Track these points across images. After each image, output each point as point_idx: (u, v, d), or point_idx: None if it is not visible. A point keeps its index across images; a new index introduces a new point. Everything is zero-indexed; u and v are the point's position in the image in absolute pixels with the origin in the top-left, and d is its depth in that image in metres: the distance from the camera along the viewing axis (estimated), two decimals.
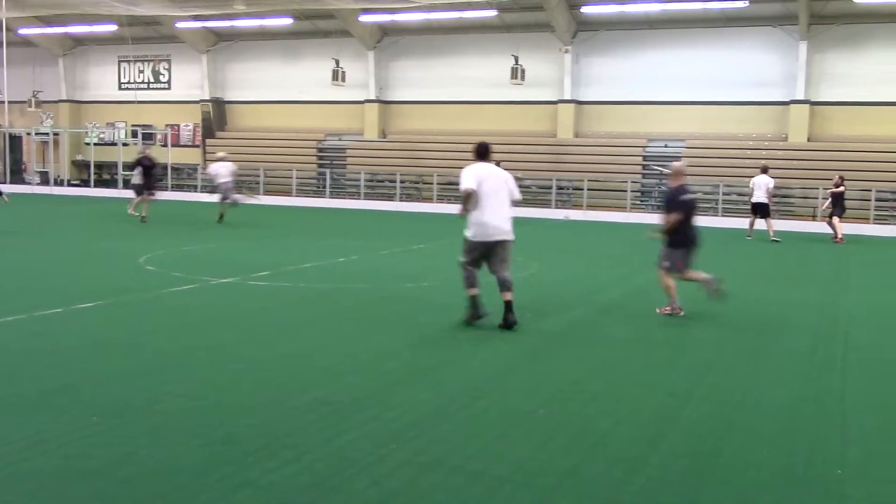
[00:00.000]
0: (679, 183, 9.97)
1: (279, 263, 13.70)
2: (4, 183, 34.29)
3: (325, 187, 32.44)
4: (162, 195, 32.67)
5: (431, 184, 30.77)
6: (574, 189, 29.65)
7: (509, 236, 8.81)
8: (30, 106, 38.76)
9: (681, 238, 9.83)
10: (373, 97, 34.09)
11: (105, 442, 5.12)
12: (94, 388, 6.29)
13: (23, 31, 36.11)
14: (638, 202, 29.15)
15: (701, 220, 10.50)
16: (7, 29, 33.90)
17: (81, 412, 5.68)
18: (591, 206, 28.53)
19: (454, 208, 9.69)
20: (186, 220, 23.01)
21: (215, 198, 22.46)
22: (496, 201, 8.64)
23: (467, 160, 9.08)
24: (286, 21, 32.82)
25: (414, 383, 6.74)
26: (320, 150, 34.43)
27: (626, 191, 28.71)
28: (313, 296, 10.70)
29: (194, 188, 34.10)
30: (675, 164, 10.37)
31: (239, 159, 34.52)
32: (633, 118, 30.71)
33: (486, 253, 8.80)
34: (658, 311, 9.97)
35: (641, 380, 7.05)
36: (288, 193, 32.42)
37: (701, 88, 29.67)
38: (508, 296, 8.76)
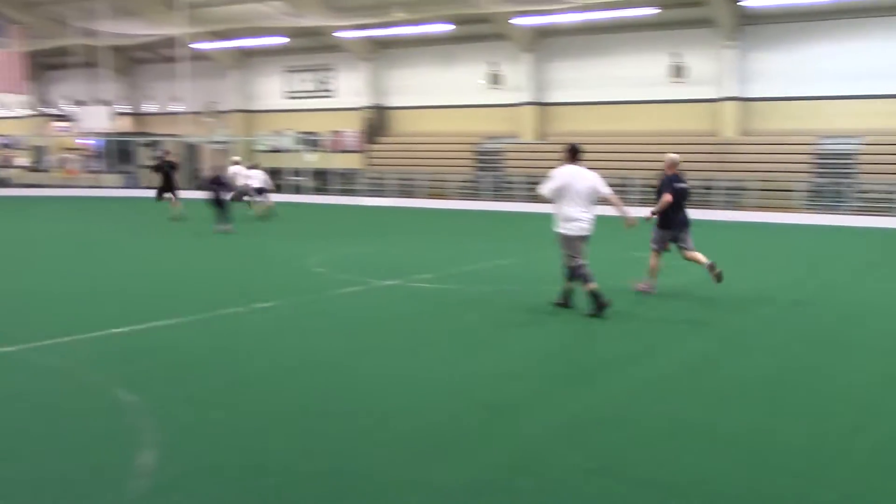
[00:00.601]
0: (673, 172, 11.13)
1: (440, 266, 13.97)
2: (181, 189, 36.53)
3: (482, 190, 32.77)
4: (326, 199, 34.00)
5: None
6: (739, 189, 28.66)
7: (589, 232, 9.70)
8: (205, 116, 41.11)
9: (670, 221, 11.04)
10: (529, 99, 34.16)
11: (282, 441, 5.41)
12: (268, 385, 6.64)
13: (198, 46, 38.33)
14: (810, 202, 27.83)
15: (883, 221, 10.04)
16: (184, 44, 36.15)
17: (261, 409, 6.02)
18: (759, 207, 27.50)
19: (612, 210, 10.13)
20: (349, 224, 23.78)
21: (244, 197, 24.90)
22: (581, 200, 9.54)
23: (627, 161, 9.15)
24: (444, 27, 33.37)
25: (578, 386, 6.74)
26: (477, 153, 34.80)
27: (796, 190, 27.50)
28: (475, 298, 10.86)
29: (358, 192, 35.17)
30: (671, 155, 11.36)
31: (398, 163, 35.43)
32: (801, 114, 29.38)
33: (574, 245, 9.63)
34: (633, 285, 10.69)
35: (827, 391, 6.78)
36: (445, 196, 32.94)
37: (877, 81, 28.03)
38: (592, 285, 9.57)
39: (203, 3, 35.10)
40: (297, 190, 35.96)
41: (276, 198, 35.39)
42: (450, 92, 35.98)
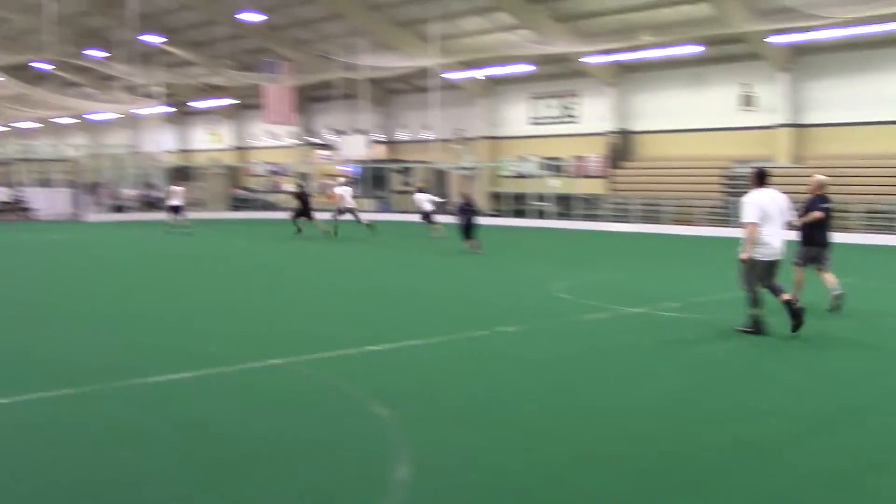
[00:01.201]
0: (820, 193, 11.86)
1: (688, 294, 13.53)
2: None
3: (732, 216, 31.40)
4: (569, 224, 34.01)
5: (850, 212, 28.37)
6: None
7: (783, 255, 9.92)
8: (453, 143, 42.57)
9: (814, 239, 11.67)
10: (784, 121, 32.41)
11: (535, 464, 5.43)
12: (516, 407, 6.70)
13: (448, 76, 39.80)
14: None
15: None
16: (436, 75, 37.70)
17: (512, 430, 6.08)
18: None
19: (873, 238, 10.12)
20: (593, 249, 23.63)
21: (345, 217, 27.15)
22: (776, 224, 9.77)
23: (892, 186, 8.46)
24: (694, 49, 32.48)
25: (843, 428, 6.25)
26: (728, 177, 33.44)
27: None
28: (724, 329, 10.39)
29: (601, 217, 34.92)
30: (819, 176, 12.14)
31: (643, 188, 34.80)
32: None
33: (769, 270, 9.78)
34: (783, 297, 9.96)
35: None
36: (693, 223, 31.92)
37: None
38: (786, 296, 9.78)
39: (454, 34, 36.46)
40: (541, 215, 36.27)
41: (519, 222, 36.02)
42: (698, 115, 34.90)
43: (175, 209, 27.99)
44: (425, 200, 26.87)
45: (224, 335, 9.77)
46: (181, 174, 46.66)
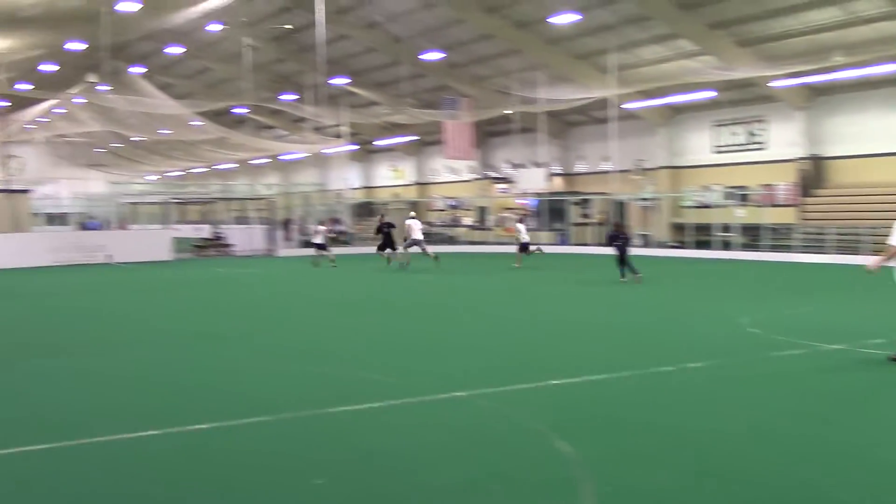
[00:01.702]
0: None
1: (894, 329, 12.56)
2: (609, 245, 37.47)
3: None
4: (757, 255, 32.55)
5: None
6: None
7: None
8: (633, 174, 41.88)
9: None
10: None
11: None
12: (712, 446, 6.41)
13: (628, 106, 39.30)
14: None
15: None
16: (614, 105, 37.31)
17: (699, 473, 5.82)
18: None
19: None
20: (783, 281, 22.50)
21: (413, 249, 27.38)
22: None
23: None
24: (891, 68, 30.49)
25: None
26: None
27: None
28: None
29: (792, 248, 33.24)
30: None
31: (838, 217, 32.84)
32: None
33: None
34: None
35: None
36: None
37: None
38: None
39: (633, 64, 36.00)
40: (726, 246, 34.94)
41: (702, 254, 34.82)
42: None
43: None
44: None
45: (405, 368, 9.96)
46: (366, 209, 48.48)
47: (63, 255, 29.13)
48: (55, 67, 43.10)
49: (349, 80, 44.14)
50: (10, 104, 45.46)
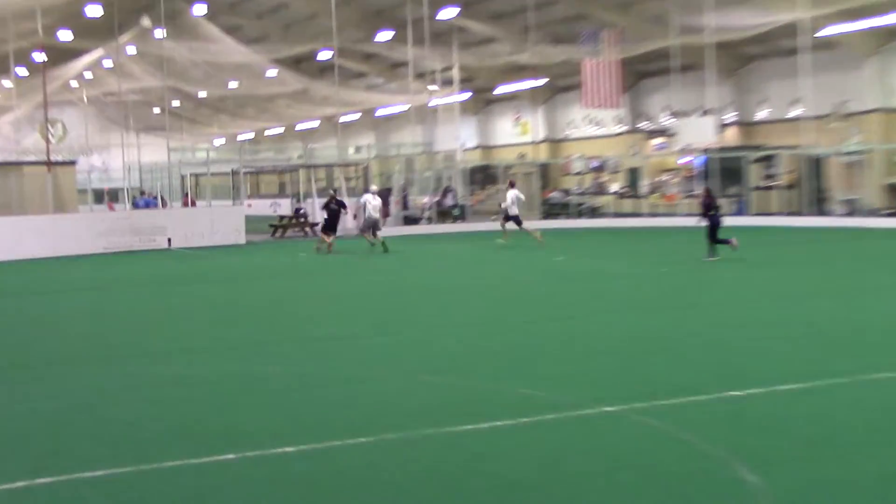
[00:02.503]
0: None
1: None
2: (802, 214, 36.60)
3: None
4: None
5: None
6: None
7: None
8: (832, 121, 40.61)
9: None
10: None
11: None
12: None
13: (825, 32, 38.07)
14: None
15: None
16: (807, 32, 36.19)
17: None
18: None
19: None
20: None
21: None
22: None
23: None
24: None
25: None
26: None
27: None
28: None
29: None
30: None
31: None
32: None
33: None
34: None
35: None
36: None
37: None
38: None
39: None
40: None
41: None
42: None
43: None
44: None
45: (549, 376, 10.06)
46: (484, 175, 48.56)
47: (115, 241, 30.28)
48: (101, 11, 44.64)
49: (460, 12, 44.22)
50: (48, 58, 47.46)
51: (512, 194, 29.05)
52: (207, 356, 12.12)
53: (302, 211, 40.82)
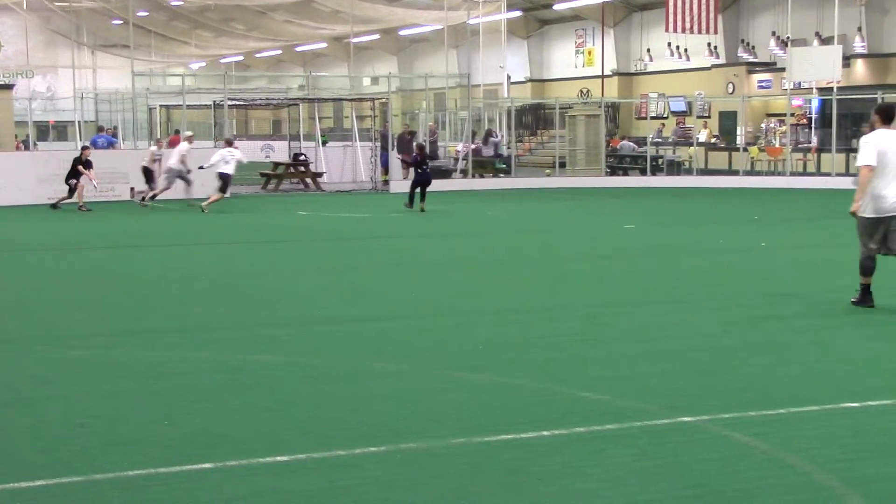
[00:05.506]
0: None
1: None
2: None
3: None
4: None
5: None
6: None
7: None
8: None
9: None
10: None
11: None
12: None
13: None
14: None
15: None
16: None
17: None
18: None
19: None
20: None
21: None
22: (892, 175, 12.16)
23: None
24: None
25: None
26: None
27: None
28: None
29: None
30: None
31: None
32: None
33: (882, 231, 12.45)
34: None
35: None
36: None
37: None
38: None
39: None
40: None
41: None
42: None
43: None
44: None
45: (614, 377, 10.12)
46: (536, 117, 48.34)
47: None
48: None
49: None
50: None
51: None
52: (178, 339, 12.21)
53: (302, 157, 40.70)
